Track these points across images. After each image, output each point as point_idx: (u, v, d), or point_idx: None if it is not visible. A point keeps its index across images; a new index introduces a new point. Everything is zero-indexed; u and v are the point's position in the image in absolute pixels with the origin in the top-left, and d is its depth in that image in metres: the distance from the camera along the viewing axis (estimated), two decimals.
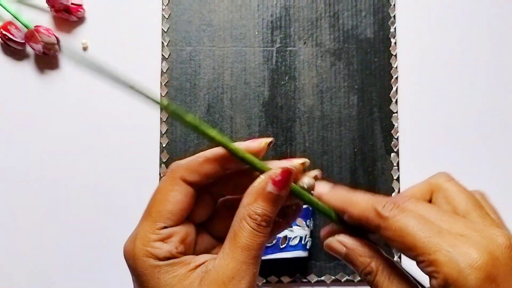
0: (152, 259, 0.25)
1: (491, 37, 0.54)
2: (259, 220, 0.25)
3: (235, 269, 0.24)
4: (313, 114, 0.52)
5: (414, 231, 0.23)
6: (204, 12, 0.53)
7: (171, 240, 0.25)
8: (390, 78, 0.53)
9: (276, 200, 0.25)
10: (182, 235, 0.26)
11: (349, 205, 0.26)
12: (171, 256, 0.25)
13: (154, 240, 0.25)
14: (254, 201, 0.25)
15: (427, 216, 0.25)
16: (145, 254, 0.25)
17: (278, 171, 0.25)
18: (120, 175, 0.51)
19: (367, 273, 0.25)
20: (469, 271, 0.22)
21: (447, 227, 0.24)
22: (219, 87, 0.52)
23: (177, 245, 0.25)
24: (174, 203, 0.26)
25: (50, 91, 0.52)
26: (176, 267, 0.25)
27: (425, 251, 0.23)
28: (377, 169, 0.52)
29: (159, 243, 0.25)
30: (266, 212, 0.25)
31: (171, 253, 0.25)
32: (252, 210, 0.25)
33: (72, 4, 0.50)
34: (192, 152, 0.51)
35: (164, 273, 0.25)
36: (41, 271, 0.50)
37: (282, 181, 0.25)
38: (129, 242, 0.26)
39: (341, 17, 0.53)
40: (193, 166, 0.26)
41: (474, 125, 0.53)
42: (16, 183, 0.51)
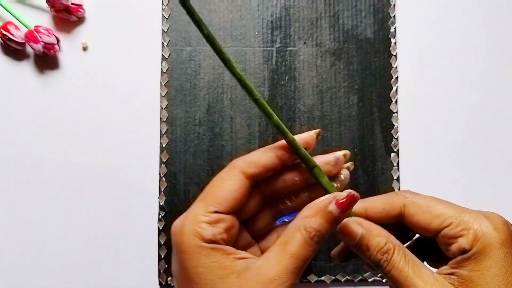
0: (198, 239, 0.26)
1: (491, 36, 0.55)
2: (313, 234, 0.25)
3: (278, 273, 0.25)
4: (313, 114, 0.52)
5: (438, 202, 0.27)
6: (204, 12, 0.53)
7: (218, 225, 0.26)
8: (390, 78, 0.53)
9: (334, 221, 0.26)
10: (228, 224, 0.27)
11: (372, 200, 0.29)
12: (214, 240, 0.26)
13: (203, 221, 0.26)
14: (313, 216, 0.26)
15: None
16: (192, 233, 0.26)
17: (344, 194, 0.26)
18: (120, 175, 0.51)
19: (384, 252, 0.26)
20: (498, 226, 0.25)
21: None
22: (219, 87, 0.52)
23: (222, 231, 0.26)
24: (229, 191, 0.27)
25: (50, 91, 0.52)
26: (218, 253, 0.26)
27: (452, 215, 0.26)
28: (377, 169, 0.52)
29: (206, 225, 0.26)
30: (322, 229, 0.26)
31: (215, 236, 0.26)
32: (309, 223, 0.26)
33: (72, 4, 0.50)
34: (192, 152, 0.51)
35: (205, 255, 0.25)
36: (41, 271, 0.50)
37: (345, 204, 0.26)
38: (179, 220, 0.27)
39: (341, 17, 0.53)
40: (251, 158, 0.28)
41: (474, 125, 0.53)
42: (16, 183, 0.51)
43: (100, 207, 0.51)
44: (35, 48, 0.49)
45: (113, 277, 0.50)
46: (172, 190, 0.50)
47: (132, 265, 0.50)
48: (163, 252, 0.50)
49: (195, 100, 0.52)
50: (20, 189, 0.51)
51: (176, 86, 0.52)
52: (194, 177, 0.51)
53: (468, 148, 0.53)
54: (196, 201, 0.28)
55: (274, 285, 0.24)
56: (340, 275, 0.50)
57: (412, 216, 0.28)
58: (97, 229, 0.50)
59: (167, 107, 0.51)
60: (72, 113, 0.52)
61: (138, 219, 0.50)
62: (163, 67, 0.52)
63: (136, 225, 0.50)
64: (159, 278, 0.50)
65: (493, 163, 0.53)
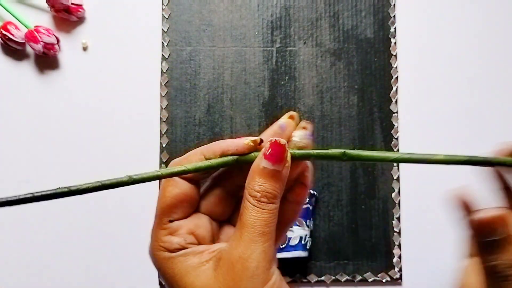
0: (165, 252, 0.26)
1: (490, 36, 0.55)
2: (258, 196, 0.25)
3: (242, 248, 0.24)
4: (313, 114, 0.52)
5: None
6: (204, 12, 0.53)
7: (179, 232, 0.26)
8: (390, 78, 0.53)
9: (273, 175, 0.25)
10: (190, 226, 0.27)
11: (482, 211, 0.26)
12: (181, 248, 0.26)
13: (163, 235, 0.26)
14: (251, 180, 0.25)
15: None
16: (158, 249, 0.26)
17: (267, 145, 0.26)
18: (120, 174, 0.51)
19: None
20: None
21: None
22: (219, 87, 0.52)
23: (186, 237, 0.26)
24: (172, 198, 0.27)
25: (50, 91, 0.52)
26: (189, 256, 0.25)
27: None
28: (377, 169, 0.52)
29: (167, 237, 0.26)
30: (265, 188, 0.25)
31: (180, 244, 0.26)
32: (251, 187, 0.25)
33: (72, 4, 0.50)
34: None
35: (177, 263, 0.25)
36: (41, 271, 0.50)
37: (274, 155, 0.25)
38: (149, 243, 0.27)
39: (341, 17, 0.53)
40: (180, 162, 0.27)
41: (474, 125, 0.53)
42: (16, 183, 0.51)
43: (100, 207, 0.51)
44: (35, 48, 0.49)
45: (113, 277, 0.50)
46: None
47: (132, 265, 0.50)
48: None
49: (195, 100, 0.52)
50: (20, 189, 0.51)
51: (176, 86, 0.52)
52: None
53: (468, 148, 0.53)
54: (153, 220, 0.28)
55: (242, 261, 0.24)
56: (340, 275, 0.50)
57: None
58: (97, 229, 0.50)
59: (167, 107, 0.51)
60: (72, 113, 0.52)
61: (138, 219, 0.50)
62: (163, 67, 0.52)
63: (136, 225, 0.50)
64: (159, 278, 0.50)
65: None
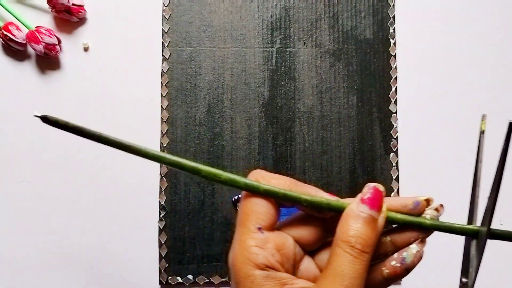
0: (250, 266, 0.24)
1: (490, 37, 0.55)
2: (353, 242, 0.23)
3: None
4: (313, 114, 0.52)
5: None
6: (205, 13, 0.53)
7: (267, 246, 0.24)
8: (390, 79, 0.53)
9: (369, 222, 0.24)
10: (277, 242, 0.25)
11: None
12: (268, 265, 0.24)
13: (252, 245, 0.24)
14: (344, 224, 0.24)
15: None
16: (244, 261, 0.24)
17: (365, 189, 0.25)
18: (120, 174, 0.51)
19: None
20: None
21: None
22: (219, 88, 0.52)
23: (274, 252, 0.25)
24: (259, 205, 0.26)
25: (51, 91, 0.52)
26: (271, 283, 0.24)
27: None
28: (376, 169, 0.52)
29: (256, 249, 0.24)
30: (360, 234, 0.23)
31: (268, 260, 0.24)
32: (343, 232, 0.24)
33: (73, 5, 0.51)
34: (192, 152, 0.51)
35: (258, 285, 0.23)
36: (41, 271, 0.50)
37: (372, 199, 0.24)
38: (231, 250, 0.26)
39: (340, 18, 0.53)
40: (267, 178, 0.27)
41: (474, 125, 0.54)
42: (16, 183, 0.51)
43: (101, 207, 0.51)
44: (36, 49, 0.49)
45: (114, 276, 0.50)
46: (172, 189, 0.51)
47: (132, 264, 0.50)
48: (163, 251, 0.50)
49: (195, 101, 0.52)
50: (21, 189, 0.51)
51: (177, 86, 0.52)
52: (194, 177, 0.51)
53: (467, 148, 0.53)
54: (236, 230, 0.26)
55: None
56: None
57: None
58: (98, 229, 0.50)
59: (167, 107, 0.52)
60: (73, 113, 0.52)
61: (138, 219, 0.51)
62: (163, 68, 0.52)
63: (136, 225, 0.51)
64: (160, 277, 0.50)
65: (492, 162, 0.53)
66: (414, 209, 0.26)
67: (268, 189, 0.26)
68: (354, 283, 0.23)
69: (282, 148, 0.52)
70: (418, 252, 0.26)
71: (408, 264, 0.26)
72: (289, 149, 0.52)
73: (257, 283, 0.23)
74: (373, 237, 0.24)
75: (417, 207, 0.26)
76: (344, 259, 0.23)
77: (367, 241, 0.23)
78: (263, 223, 0.25)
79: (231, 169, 0.51)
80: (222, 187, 0.51)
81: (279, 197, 0.26)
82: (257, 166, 0.51)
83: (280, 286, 0.24)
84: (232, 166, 0.51)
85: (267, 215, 0.25)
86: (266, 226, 0.25)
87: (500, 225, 0.52)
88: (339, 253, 0.23)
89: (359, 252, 0.23)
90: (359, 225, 0.23)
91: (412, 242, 0.26)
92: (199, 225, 0.50)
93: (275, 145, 0.52)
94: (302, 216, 0.27)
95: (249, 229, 0.25)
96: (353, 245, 0.23)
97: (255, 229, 0.25)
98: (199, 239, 0.50)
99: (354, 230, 0.23)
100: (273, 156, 0.51)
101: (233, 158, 0.51)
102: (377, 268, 0.26)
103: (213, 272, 0.50)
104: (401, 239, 0.26)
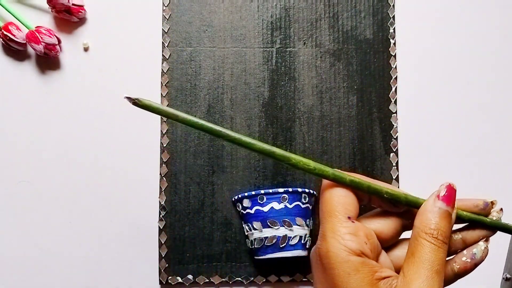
0: (346, 252, 0.25)
1: (489, 37, 0.55)
2: (435, 233, 0.26)
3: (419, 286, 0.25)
4: (313, 114, 0.52)
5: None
6: (205, 13, 0.53)
7: (359, 234, 0.26)
8: (389, 79, 0.53)
9: (446, 216, 0.27)
10: (366, 232, 0.27)
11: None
12: (362, 251, 0.26)
13: (345, 233, 0.26)
14: (425, 219, 0.26)
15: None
16: (338, 247, 0.26)
17: (442, 187, 0.27)
18: (120, 175, 0.51)
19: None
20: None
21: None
22: (219, 88, 0.52)
23: (366, 240, 0.26)
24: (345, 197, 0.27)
25: (51, 91, 0.52)
26: (366, 269, 0.25)
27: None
28: (376, 169, 0.52)
29: (349, 236, 0.26)
30: (440, 226, 0.26)
31: (362, 246, 0.26)
32: (426, 225, 0.26)
33: (73, 5, 0.51)
34: (192, 152, 0.51)
35: (354, 271, 0.25)
36: (41, 271, 0.50)
37: (448, 196, 0.27)
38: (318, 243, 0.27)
39: (340, 18, 0.53)
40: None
41: (473, 125, 0.54)
42: (16, 183, 0.51)
43: (101, 207, 0.51)
44: (36, 49, 0.49)
45: (114, 276, 0.50)
46: (172, 189, 0.51)
47: (132, 264, 0.50)
48: (163, 251, 0.50)
49: (195, 101, 0.52)
50: (21, 189, 0.51)
51: (177, 86, 0.52)
52: (194, 177, 0.51)
53: (467, 148, 0.53)
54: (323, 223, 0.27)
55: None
56: None
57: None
58: (98, 229, 0.50)
59: (167, 107, 0.52)
60: (73, 113, 0.52)
61: (138, 219, 0.51)
62: (163, 68, 0.52)
63: (136, 225, 0.51)
64: (160, 277, 0.50)
65: (492, 162, 0.53)
66: (483, 209, 0.29)
67: (354, 180, 0.27)
68: (441, 269, 0.25)
69: (282, 148, 0.52)
70: (486, 248, 0.29)
71: (477, 260, 0.29)
72: (289, 149, 0.52)
73: (354, 269, 0.25)
74: (450, 230, 0.27)
75: (486, 207, 0.29)
76: (430, 248, 0.25)
77: (446, 233, 0.26)
78: (351, 214, 0.27)
79: (231, 169, 0.51)
80: (222, 187, 0.51)
81: (363, 188, 0.27)
82: (257, 166, 0.51)
83: (373, 273, 0.25)
84: (232, 166, 0.51)
85: (353, 206, 0.27)
86: (353, 217, 0.27)
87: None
88: (424, 243, 0.26)
89: (441, 242, 0.26)
90: (438, 219, 0.26)
91: (479, 240, 0.29)
92: (199, 225, 0.50)
93: (275, 145, 0.52)
94: (380, 212, 0.30)
95: (339, 218, 0.26)
96: (436, 236, 0.26)
97: (345, 219, 0.27)
98: (199, 239, 0.50)
99: (434, 223, 0.26)
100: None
101: (233, 158, 0.51)
102: (447, 265, 0.29)
103: (213, 272, 0.50)
104: (471, 236, 0.29)
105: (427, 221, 0.26)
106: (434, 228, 0.26)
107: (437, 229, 0.26)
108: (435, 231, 0.26)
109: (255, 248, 0.48)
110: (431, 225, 0.26)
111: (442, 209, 0.27)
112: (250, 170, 0.51)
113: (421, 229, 0.26)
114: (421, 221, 0.27)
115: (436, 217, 0.26)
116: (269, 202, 0.47)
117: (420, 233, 0.26)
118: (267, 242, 0.46)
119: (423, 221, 0.26)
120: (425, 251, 0.25)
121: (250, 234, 0.48)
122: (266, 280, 0.50)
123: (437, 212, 0.26)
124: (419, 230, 0.26)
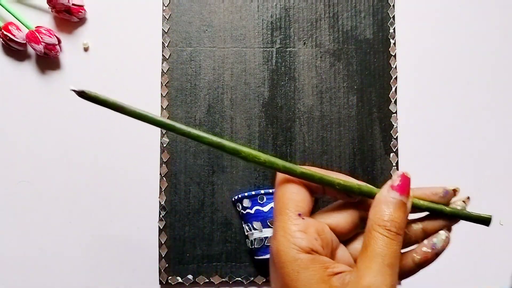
0: (295, 250, 0.25)
1: (489, 37, 0.55)
2: (388, 225, 0.25)
3: (371, 279, 0.24)
4: (313, 114, 0.52)
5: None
6: (205, 13, 0.53)
7: (309, 231, 0.26)
8: (389, 79, 0.53)
9: (400, 206, 0.26)
10: (317, 227, 0.26)
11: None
12: (313, 248, 0.25)
13: (294, 230, 0.26)
14: (378, 210, 0.26)
15: None
16: (288, 245, 0.25)
17: (395, 177, 0.27)
18: (120, 174, 0.51)
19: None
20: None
21: None
22: (219, 88, 0.52)
23: (316, 237, 0.26)
24: (296, 194, 0.27)
25: (51, 91, 0.52)
26: (316, 266, 0.25)
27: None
28: (376, 169, 0.52)
29: (299, 233, 0.26)
30: (393, 218, 0.25)
31: (312, 244, 0.25)
32: (379, 217, 0.25)
33: (73, 5, 0.51)
34: (192, 152, 0.51)
35: (304, 269, 0.25)
36: (41, 271, 0.50)
37: (402, 185, 0.26)
38: (272, 240, 0.27)
39: (340, 18, 0.53)
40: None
41: (473, 125, 0.54)
42: (16, 183, 0.51)
43: (101, 207, 0.51)
44: (36, 49, 0.49)
45: (114, 276, 0.50)
46: (172, 189, 0.51)
47: (132, 264, 0.50)
48: (163, 251, 0.50)
49: (195, 101, 0.52)
50: (21, 189, 0.51)
51: (177, 86, 0.52)
52: (194, 177, 0.51)
53: (467, 148, 0.53)
54: (274, 221, 0.27)
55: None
56: None
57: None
58: (98, 229, 0.50)
59: (167, 107, 0.52)
60: (73, 113, 0.52)
61: (138, 219, 0.51)
62: (163, 68, 0.52)
63: (136, 225, 0.51)
64: (160, 277, 0.50)
65: (492, 162, 0.53)
66: (443, 197, 0.28)
67: (304, 172, 0.27)
68: (393, 262, 0.25)
69: (282, 148, 0.52)
70: (447, 237, 0.28)
71: (438, 249, 0.28)
72: (289, 149, 0.52)
73: (303, 266, 0.25)
74: (405, 220, 0.26)
75: (446, 195, 0.28)
76: (382, 241, 0.25)
77: (400, 224, 0.25)
78: (302, 210, 0.26)
79: (231, 169, 0.51)
80: (222, 187, 0.51)
81: (315, 180, 0.27)
82: (257, 166, 0.51)
83: (324, 269, 0.25)
84: (232, 166, 0.51)
85: (305, 202, 0.27)
86: (305, 213, 0.27)
87: (500, 225, 0.52)
88: (377, 236, 0.25)
89: (394, 234, 0.25)
90: (391, 210, 0.26)
91: (440, 229, 0.28)
92: (199, 225, 0.50)
93: (275, 145, 0.52)
94: (336, 206, 0.29)
95: (289, 216, 0.26)
96: (389, 228, 0.25)
97: (296, 216, 0.26)
98: (199, 239, 0.50)
99: (388, 214, 0.25)
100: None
101: (233, 158, 0.51)
102: (407, 256, 0.28)
103: (213, 272, 0.50)
104: (432, 226, 0.28)
105: (381, 213, 0.26)
106: (388, 219, 0.25)
107: (391, 220, 0.25)
108: (388, 222, 0.25)
109: (255, 248, 0.48)
110: (384, 216, 0.25)
111: (396, 199, 0.26)
112: (250, 170, 0.51)
113: (375, 221, 0.25)
114: (375, 212, 0.26)
115: (390, 207, 0.26)
116: (269, 202, 0.47)
117: (374, 225, 0.25)
118: (267, 242, 0.46)
119: (376, 212, 0.26)
120: (378, 244, 0.25)
121: (250, 234, 0.48)
122: (266, 280, 0.50)
123: (391, 202, 0.26)
124: (372, 222, 0.26)
